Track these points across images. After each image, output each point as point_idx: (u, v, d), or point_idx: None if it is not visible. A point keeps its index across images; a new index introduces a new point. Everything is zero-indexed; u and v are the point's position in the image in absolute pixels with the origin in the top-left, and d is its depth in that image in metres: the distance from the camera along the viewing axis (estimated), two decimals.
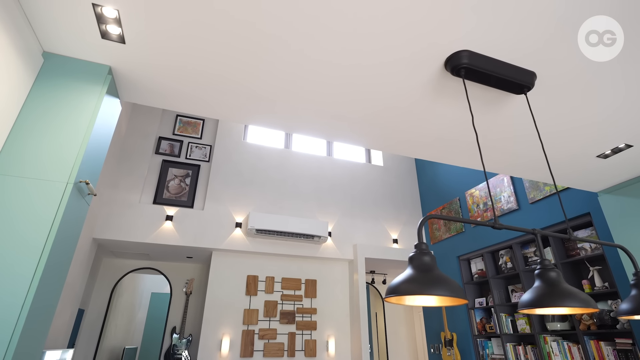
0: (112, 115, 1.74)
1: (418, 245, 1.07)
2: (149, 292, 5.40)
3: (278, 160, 5.45)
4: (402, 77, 1.71)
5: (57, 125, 1.46)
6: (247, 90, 1.80)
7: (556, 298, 1.15)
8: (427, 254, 1.04)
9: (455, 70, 1.58)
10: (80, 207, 1.48)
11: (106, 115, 1.65)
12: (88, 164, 1.51)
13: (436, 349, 5.11)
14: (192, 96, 1.85)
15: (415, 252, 1.07)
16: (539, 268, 1.24)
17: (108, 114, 1.67)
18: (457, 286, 0.97)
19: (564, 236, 1.37)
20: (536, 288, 1.21)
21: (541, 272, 1.23)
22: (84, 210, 1.52)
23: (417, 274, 1.00)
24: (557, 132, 2.15)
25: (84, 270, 3.89)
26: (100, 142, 1.63)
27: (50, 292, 1.32)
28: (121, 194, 4.38)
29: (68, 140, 1.44)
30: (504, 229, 4.24)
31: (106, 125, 1.68)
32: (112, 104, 1.72)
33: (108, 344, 4.87)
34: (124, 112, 4.48)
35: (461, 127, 2.10)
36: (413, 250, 1.04)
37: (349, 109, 1.96)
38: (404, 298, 1.11)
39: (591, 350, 3.24)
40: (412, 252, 1.06)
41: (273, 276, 4.79)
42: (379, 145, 2.32)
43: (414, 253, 1.06)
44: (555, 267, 1.23)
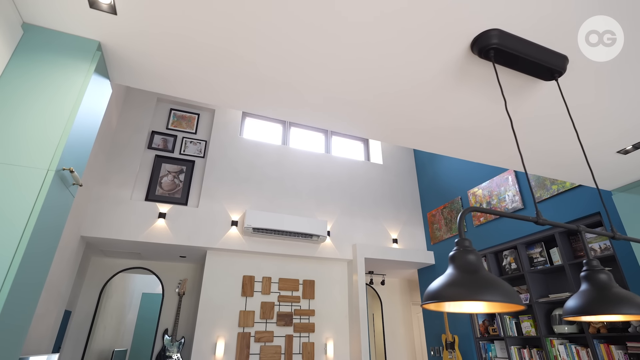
0: (101, 98, 1.56)
1: (460, 242, 0.92)
2: (139, 292, 5.18)
3: (275, 157, 5.28)
4: (422, 58, 1.57)
5: (37, 105, 1.28)
6: (253, 71, 1.64)
7: (608, 304, 1.01)
8: (472, 251, 0.90)
9: (483, 52, 1.43)
10: (64, 198, 1.31)
11: (94, 97, 1.47)
12: (73, 150, 1.33)
13: (436, 351, 4.99)
14: (192, 78, 1.68)
15: (457, 250, 0.92)
16: (585, 269, 1.10)
17: (96, 96, 1.50)
18: (511, 289, 0.82)
19: (607, 234, 1.24)
20: (584, 293, 1.07)
21: (589, 274, 1.09)
22: (67, 201, 1.35)
23: (461, 276, 0.85)
24: (579, 125, 2.03)
25: (71, 269, 3.68)
26: (87, 128, 1.45)
27: (27, 292, 1.14)
28: (111, 190, 4.17)
29: (50, 122, 1.26)
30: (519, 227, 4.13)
31: (94, 109, 1.50)
32: (102, 85, 1.54)
33: (96, 347, 4.65)
34: (114, 105, 4.27)
35: (478, 118, 1.96)
36: (454, 248, 0.89)
37: (361, 96, 1.81)
38: (444, 304, 0.96)
39: (601, 354, 3.14)
40: (453, 249, 0.91)
41: (270, 276, 4.62)
42: (390, 136, 2.17)
43: (455, 251, 0.92)
44: (604, 269, 1.09)
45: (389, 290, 6.46)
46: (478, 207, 0.97)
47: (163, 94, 4.98)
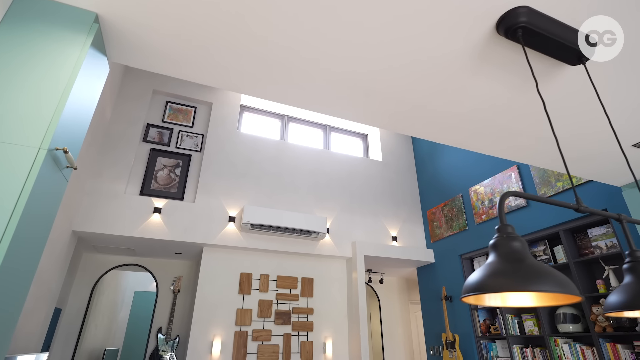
0: (97, 77, 1.45)
1: (502, 228, 0.83)
2: (132, 290, 5.04)
3: (274, 152, 5.17)
4: (442, 40, 1.48)
5: (28, 78, 1.17)
6: (265, 52, 1.53)
7: None
8: (516, 238, 0.81)
9: (510, 32, 1.35)
10: (57, 182, 1.19)
11: (90, 74, 1.36)
12: (67, 129, 1.22)
13: (436, 350, 4.93)
14: (199, 57, 1.57)
15: (499, 237, 0.83)
16: (629, 261, 1.02)
17: (93, 73, 1.39)
18: (565, 278, 0.73)
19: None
20: (628, 286, 0.98)
21: (633, 265, 1.01)
22: (61, 185, 1.23)
23: (507, 265, 0.76)
24: (595, 115, 1.96)
25: (62, 265, 3.54)
26: (82, 107, 1.34)
27: (16, 281, 1.03)
28: (105, 184, 4.03)
29: (42, 97, 1.15)
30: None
31: (90, 88, 1.39)
32: (98, 62, 1.43)
33: (87, 346, 4.50)
34: (109, 95, 4.13)
35: (494, 107, 1.88)
36: (495, 236, 0.79)
37: (374, 82, 1.71)
38: (485, 297, 0.87)
39: (607, 353, 3.09)
40: (494, 237, 0.81)
41: (268, 274, 4.51)
42: (399, 125, 2.08)
43: (497, 238, 0.83)
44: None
45: (387, 289, 6.39)
46: (517, 192, 0.88)
47: (159, 88, 4.84)
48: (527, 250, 0.79)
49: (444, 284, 4.98)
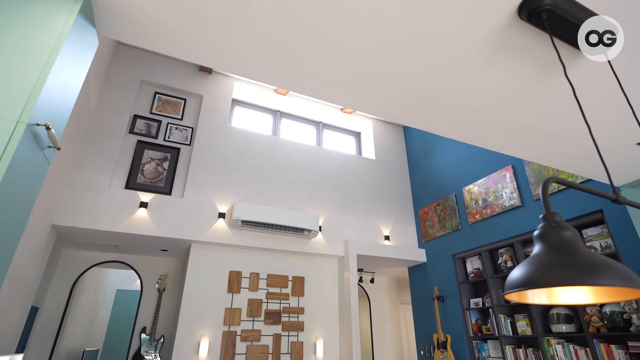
0: (86, 50, 1.31)
1: (549, 216, 0.75)
2: (113, 289, 4.83)
3: (266, 147, 5.04)
4: (458, 25, 1.40)
5: (5, 42, 1.03)
6: (273, 31, 1.42)
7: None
8: (567, 227, 0.72)
9: (534, 15, 1.28)
10: (37, 162, 1.06)
11: (78, 46, 1.22)
12: (50, 104, 1.08)
13: (427, 351, 4.88)
14: (198, 33, 1.44)
15: (545, 226, 0.74)
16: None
17: (80, 45, 1.25)
18: (629, 271, 0.65)
19: None
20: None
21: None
22: (42, 166, 1.09)
23: (559, 257, 0.68)
24: (602, 110, 1.92)
25: (40, 262, 3.33)
26: (68, 81, 1.20)
27: None
28: (88, 176, 3.83)
29: (22, 64, 1.01)
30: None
31: (77, 61, 1.25)
32: (87, 34, 1.29)
33: (66, 346, 4.28)
34: (94, 83, 3.93)
35: (507, 99, 1.81)
36: (540, 225, 0.71)
37: (383, 68, 1.62)
38: (529, 295, 0.78)
39: (601, 353, 3.08)
40: (539, 227, 0.72)
41: (258, 272, 4.38)
42: (404, 116, 2.00)
43: (544, 228, 0.74)
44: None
45: (377, 289, 6.33)
46: (560, 179, 0.80)
47: (147, 78, 4.65)
48: (580, 241, 0.71)
49: (436, 284, 4.95)
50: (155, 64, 4.79)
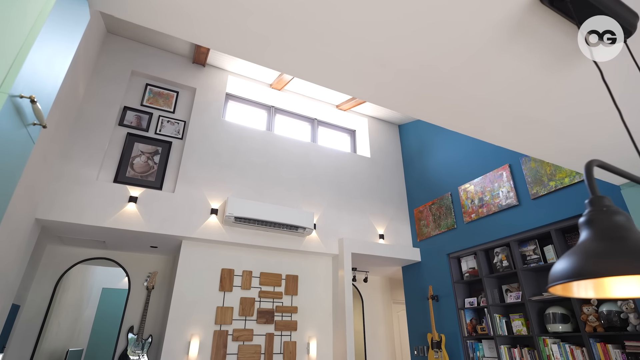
0: (76, 22, 1.20)
1: (596, 200, 0.68)
2: (99, 287, 4.67)
3: (260, 142, 4.93)
4: (475, 11, 1.33)
5: None
6: (282, 7, 1.33)
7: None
8: (618, 211, 0.66)
9: (556, 0, 1.22)
10: (20, 139, 0.95)
11: (67, 15, 1.12)
12: (36, 75, 0.98)
13: (420, 351, 4.84)
14: (198, 11, 1.35)
15: (594, 210, 0.67)
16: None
17: (70, 16, 1.14)
18: None
19: None
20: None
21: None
22: (25, 145, 0.98)
23: (613, 244, 0.61)
24: (611, 107, 1.88)
25: (22, 257, 3.17)
26: (56, 53, 1.09)
27: None
28: (74, 168, 3.67)
29: (3, 27, 0.91)
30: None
31: (67, 33, 1.15)
32: (77, 4, 1.18)
33: (48, 346, 4.11)
34: (82, 72, 3.77)
35: (517, 90, 1.76)
36: (587, 210, 0.63)
37: (391, 53, 1.55)
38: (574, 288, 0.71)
39: (597, 353, 3.07)
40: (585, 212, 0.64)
41: (251, 270, 4.27)
42: (408, 106, 1.93)
43: (593, 213, 0.67)
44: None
45: (370, 288, 6.27)
46: (605, 163, 0.74)
47: (139, 69, 4.50)
48: (634, 226, 0.64)
49: (431, 283, 4.91)
50: (147, 55, 4.64)
